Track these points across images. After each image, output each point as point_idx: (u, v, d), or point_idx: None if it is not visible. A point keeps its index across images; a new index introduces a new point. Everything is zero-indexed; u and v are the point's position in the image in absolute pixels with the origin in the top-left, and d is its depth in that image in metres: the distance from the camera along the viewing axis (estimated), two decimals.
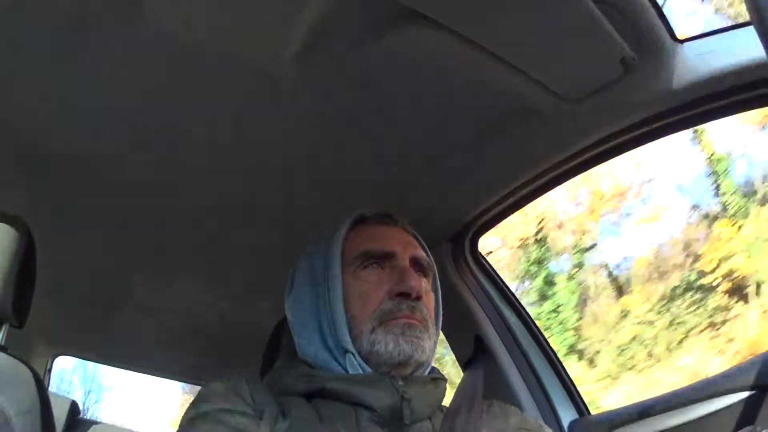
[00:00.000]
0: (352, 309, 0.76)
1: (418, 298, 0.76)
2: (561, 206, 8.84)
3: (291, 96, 0.93)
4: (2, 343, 0.89)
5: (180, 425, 0.69)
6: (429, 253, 0.86)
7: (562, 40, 0.81)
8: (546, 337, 1.26)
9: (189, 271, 1.48)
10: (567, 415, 1.16)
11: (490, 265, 1.32)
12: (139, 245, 1.35)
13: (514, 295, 1.30)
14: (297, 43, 0.81)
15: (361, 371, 0.74)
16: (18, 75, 0.88)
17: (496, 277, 1.31)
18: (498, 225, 1.29)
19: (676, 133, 0.93)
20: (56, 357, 1.96)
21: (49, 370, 1.93)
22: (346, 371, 0.75)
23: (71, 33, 0.80)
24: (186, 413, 0.70)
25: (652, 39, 0.81)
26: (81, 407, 1.61)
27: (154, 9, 0.76)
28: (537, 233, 8.73)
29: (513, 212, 1.24)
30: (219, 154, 1.07)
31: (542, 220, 8.69)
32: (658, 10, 0.78)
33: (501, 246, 8.61)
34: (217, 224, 1.28)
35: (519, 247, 8.81)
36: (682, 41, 0.83)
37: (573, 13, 0.76)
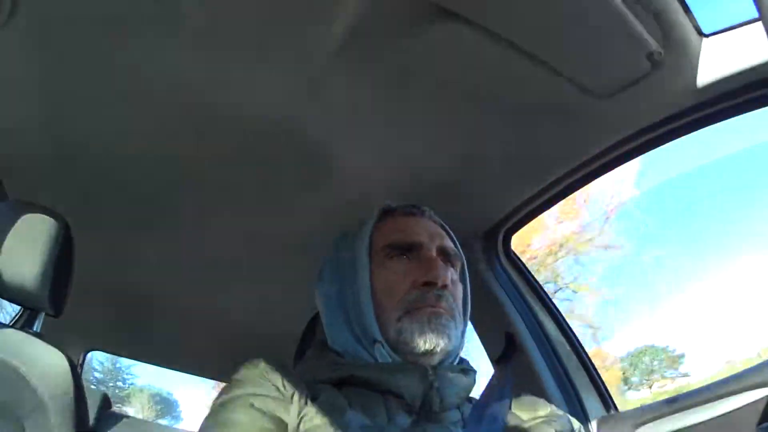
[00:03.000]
0: (379, 299, 0.77)
1: (444, 287, 0.77)
2: None
3: (328, 91, 0.97)
4: (39, 331, 0.91)
5: (211, 409, 0.69)
6: (457, 243, 0.87)
7: (590, 35, 0.84)
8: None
9: (223, 268, 1.49)
10: (595, 410, 1.16)
11: (522, 261, 1.34)
12: (175, 243, 1.38)
13: (545, 291, 1.30)
14: (334, 39, 0.85)
15: (389, 360, 0.75)
16: (54, 77, 0.93)
17: (527, 273, 1.33)
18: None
19: (707, 128, 0.93)
20: (89, 352, 1.96)
21: (81, 364, 1.93)
22: (375, 360, 0.75)
23: (108, 33, 0.84)
24: (217, 397, 0.70)
25: (678, 34, 0.82)
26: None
27: (190, 6, 0.81)
28: None
29: (546, 209, 1.26)
30: (255, 149, 1.10)
31: None
32: (683, 4, 0.80)
33: None
34: (251, 221, 1.31)
35: None
36: (708, 35, 0.84)
37: (600, 8, 0.79)
